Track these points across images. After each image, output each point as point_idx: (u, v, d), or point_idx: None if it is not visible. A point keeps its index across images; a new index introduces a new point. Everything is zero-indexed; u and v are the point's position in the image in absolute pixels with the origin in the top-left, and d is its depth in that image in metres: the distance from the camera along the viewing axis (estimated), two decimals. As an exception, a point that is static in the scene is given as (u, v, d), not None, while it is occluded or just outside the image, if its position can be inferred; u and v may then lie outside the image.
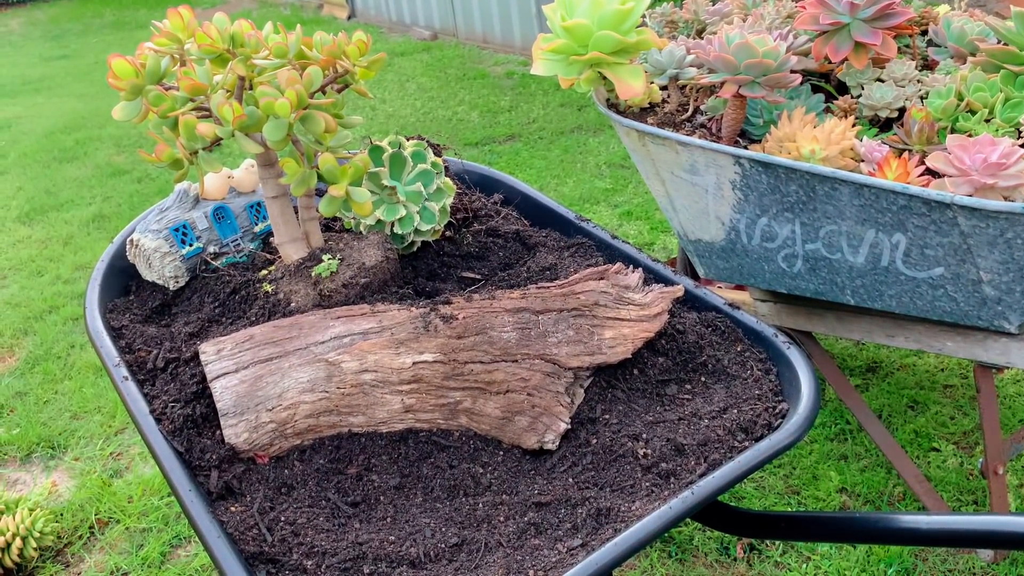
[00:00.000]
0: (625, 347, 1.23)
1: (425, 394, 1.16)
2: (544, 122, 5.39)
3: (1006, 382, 2.60)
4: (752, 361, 1.26)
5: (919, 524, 1.04)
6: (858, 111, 1.78)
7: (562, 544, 1.01)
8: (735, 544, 2.14)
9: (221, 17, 1.13)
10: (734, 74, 1.64)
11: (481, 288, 1.35)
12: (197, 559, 2.29)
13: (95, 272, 1.48)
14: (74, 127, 6.58)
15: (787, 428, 1.10)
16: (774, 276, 1.81)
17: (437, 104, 6.04)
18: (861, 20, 1.72)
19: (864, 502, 2.22)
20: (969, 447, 2.37)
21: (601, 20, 1.44)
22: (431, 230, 1.40)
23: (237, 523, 1.02)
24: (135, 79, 1.09)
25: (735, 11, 2.16)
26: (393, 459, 1.14)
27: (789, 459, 2.39)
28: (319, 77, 1.13)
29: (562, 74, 1.56)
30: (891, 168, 1.52)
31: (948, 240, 1.48)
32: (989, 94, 1.61)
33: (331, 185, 1.17)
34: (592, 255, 1.46)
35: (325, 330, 1.16)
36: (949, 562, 2.04)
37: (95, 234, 4.56)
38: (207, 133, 1.08)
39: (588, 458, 1.14)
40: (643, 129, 1.80)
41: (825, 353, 2.10)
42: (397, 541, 1.02)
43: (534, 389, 1.17)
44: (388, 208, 1.36)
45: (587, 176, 4.50)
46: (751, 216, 1.75)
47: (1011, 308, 1.52)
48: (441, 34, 8.17)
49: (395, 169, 1.38)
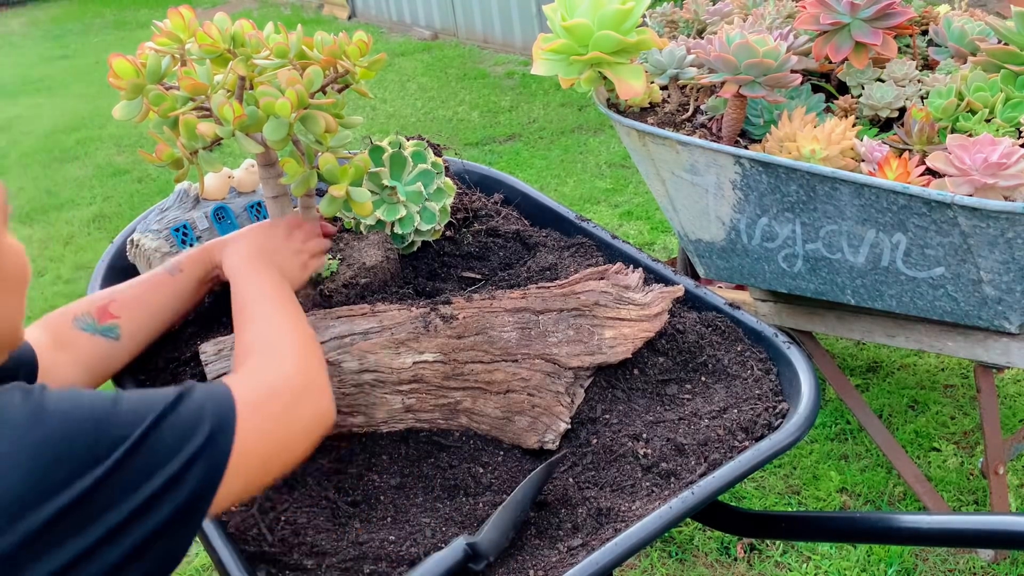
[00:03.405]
0: (625, 347, 1.23)
1: (425, 394, 1.16)
2: (544, 122, 5.39)
3: (1006, 382, 2.60)
4: (752, 361, 1.26)
5: (919, 524, 1.04)
6: (858, 111, 1.78)
7: (562, 544, 1.01)
8: (735, 544, 2.14)
9: (222, 17, 1.13)
10: (734, 74, 1.64)
11: (481, 288, 1.35)
12: (197, 559, 2.29)
13: (95, 272, 1.48)
14: (75, 127, 6.58)
15: (787, 428, 1.10)
16: (774, 276, 1.81)
17: (437, 104, 6.04)
18: (861, 20, 1.72)
19: (864, 502, 2.22)
20: (969, 447, 2.37)
21: (601, 20, 1.43)
22: (431, 230, 1.40)
23: (237, 523, 1.02)
24: (135, 78, 1.09)
25: (735, 11, 2.16)
26: (393, 459, 1.14)
27: (789, 459, 2.39)
28: (319, 77, 1.13)
29: (562, 74, 1.55)
30: (891, 168, 1.52)
31: (948, 240, 1.48)
32: (990, 94, 1.61)
33: (332, 185, 1.17)
34: (592, 255, 1.46)
35: (325, 330, 1.16)
36: (949, 562, 2.04)
37: (96, 234, 4.56)
38: (207, 133, 1.08)
39: (588, 458, 1.14)
40: (643, 129, 1.80)
41: (825, 353, 2.10)
42: (397, 541, 1.02)
43: (534, 389, 1.17)
44: (388, 208, 1.36)
45: (587, 176, 4.50)
46: (751, 216, 1.75)
47: (1011, 308, 1.52)
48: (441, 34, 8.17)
49: (395, 169, 1.38)
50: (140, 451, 0.69)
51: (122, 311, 1.09)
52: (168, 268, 1.18)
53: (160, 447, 0.70)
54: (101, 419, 0.69)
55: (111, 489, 0.67)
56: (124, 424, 0.70)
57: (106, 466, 0.67)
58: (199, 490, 0.72)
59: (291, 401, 0.86)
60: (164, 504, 0.69)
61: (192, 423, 0.73)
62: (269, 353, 0.93)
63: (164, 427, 0.71)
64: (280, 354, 0.93)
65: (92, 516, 0.66)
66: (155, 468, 0.69)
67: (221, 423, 0.75)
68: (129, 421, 0.70)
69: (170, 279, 1.16)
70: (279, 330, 0.99)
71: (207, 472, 0.73)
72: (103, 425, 0.69)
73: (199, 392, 0.76)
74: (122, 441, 0.68)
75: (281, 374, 0.89)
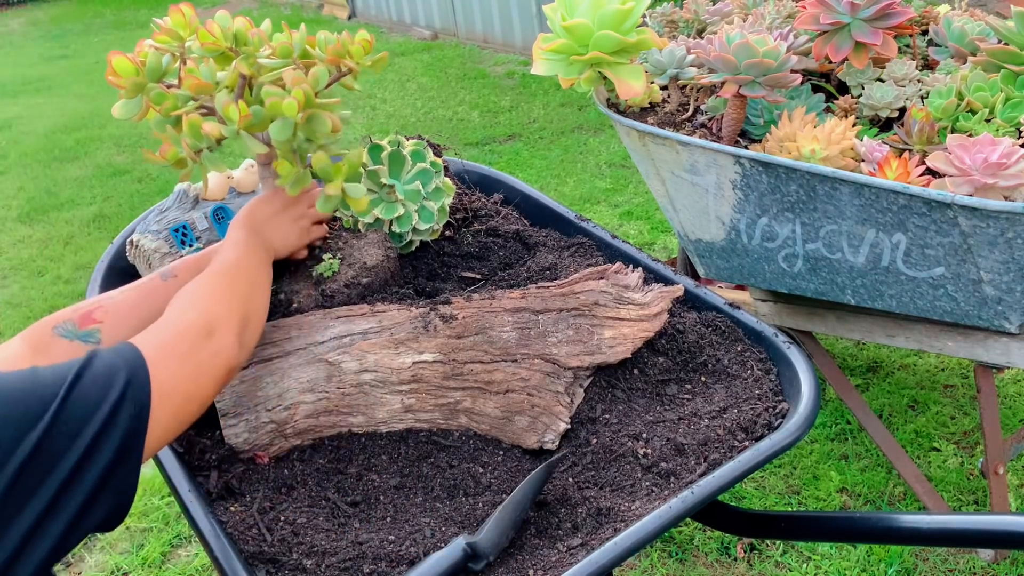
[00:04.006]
0: (625, 347, 1.23)
1: (425, 394, 1.16)
2: (544, 122, 5.39)
3: (1006, 382, 2.60)
4: (752, 361, 1.26)
5: (919, 524, 1.03)
6: (858, 111, 1.78)
7: (562, 543, 1.01)
8: (735, 544, 2.14)
9: (224, 15, 1.13)
10: (734, 74, 1.64)
11: (481, 288, 1.35)
12: (197, 559, 2.30)
13: (95, 272, 1.48)
14: (75, 127, 6.58)
15: (787, 428, 1.10)
16: (774, 276, 1.81)
17: (437, 104, 6.04)
18: (861, 20, 1.72)
19: (864, 502, 2.22)
20: (969, 447, 2.37)
21: (601, 20, 1.43)
22: (429, 229, 1.40)
23: (237, 523, 1.02)
24: (135, 77, 1.09)
25: (735, 11, 2.16)
26: (393, 459, 1.14)
27: (789, 459, 2.39)
28: (325, 77, 1.13)
29: (562, 74, 1.55)
30: (891, 168, 1.52)
31: (948, 240, 1.48)
32: (989, 94, 1.61)
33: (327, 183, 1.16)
34: (592, 255, 1.46)
35: (325, 330, 1.16)
36: (949, 562, 2.04)
37: (96, 234, 4.56)
38: (212, 133, 1.08)
39: (588, 458, 1.14)
40: (643, 129, 1.80)
41: (825, 353, 2.10)
42: (397, 541, 1.02)
43: (534, 389, 1.17)
44: (387, 207, 1.36)
45: (587, 176, 4.50)
46: (751, 216, 1.75)
47: (1011, 308, 1.52)
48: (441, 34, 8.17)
49: (394, 168, 1.38)
50: (71, 402, 0.77)
51: (107, 316, 1.09)
52: (161, 274, 1.17)
53: (88, 396, 0.78)
54: (26, 385, 0.76)
55: (57, 439, 0.75)
56: (48, 384, 0.77)
57: (46, 420, 0.74)
58: (132, 428, 0.81)
59: (195, 342, 0.94)
60: (105, 445, 0.78)
61: (109, 373, 0.81)
62: (177, 307, 1.01)
63: (86, 379, 0.79)
64: (187, 306, 1.00)
65: (48, 468, 0.74)
66: (89, 415, 0.77)
67: (134, 369, 0.84)
68: (51, 382, 0.78)
69: (162, 285, 1.16)
70: (204, 288, 1.05)
71: (135, 411, 0.81)
72: (30, 389, 0.76)
73: (105, 351, 0.85)
74: (52, 399, 0.76)
75: (184, 320, 0.97)
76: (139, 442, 0.82)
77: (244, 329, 1.02)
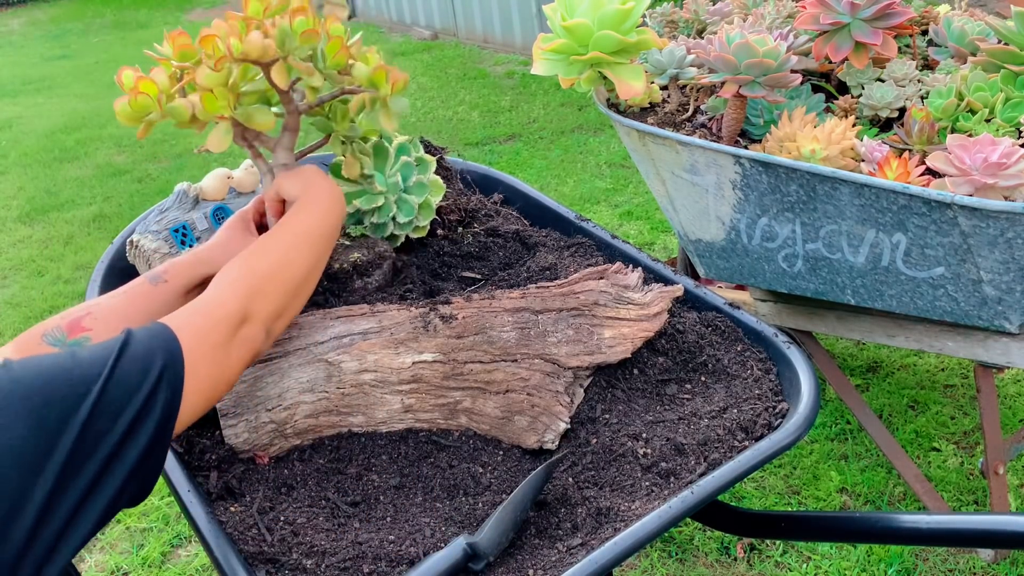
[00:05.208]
0: (625, 347, 1.23)
1: (425, 394, 1.16)
2: (544, 122, 5.39)
3: (1006, 382, 2.60)
4: (752, 361, 1.26)
5: (919, 524, 1.03)
6: (858, 111, 1.78)
7: (562, 543, 1.01)
8: (735, 544, 2.14)
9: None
10: (734, 74, 1.64)
11: (481, 288, 1.35)
12: (197, 559, 2.30)
13: (95, 273, 1.48)
14: (75, 127, 6.59)
15: (787, 428, 1.10)
16: (774, 276, 1.81)
17: (437, 104, 6.04)
18: (861, 20, 1.72)
19: (864, 502, 2.22)
20: (969, 447, 2.37)
21: (601, 20, 1.43)
22: (411, 223, 1.40)
23: (237, 523, 1.02)
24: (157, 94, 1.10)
25: (735, 11, 2.16)
26: (393, 459, 1.14)
27: (789, 459, 2.39)
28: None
29: (562, 74, 1.55)
30: (891, 168, 1.52)
31: (948, 240, 1.48)
32: (989, 94, 1.61)
33: (380, 89, 1.14)
34: (592, 255, 1.46)
35: (324, 330, 1.16)
36: (949, 562, 2.04)
37: (96, 234, 4.56)
38: (282, 78, 1.06)
39: (588, 458, 1.14)
40: (643, 129, 1.80)
41: (825, 353, 2.10)
42: (397, 541, 1.02)
43: (534, 389, 1.17)
44: (367, 197, 1.36)
45: (587, 176, 4.50)
46: (751, 216, 1.75)
47: (1011, 308, 1.52)
48: (441, 34, 8.17)
49: (378, 160, 1.39)
50: (113, 383, 0.79)
51: (95, 324, 1.06)
52: (150, 278, 1.15)
53: (128, 379, 0.80)
54: (68, 367, 0.78)
55: (101, 420, 0.77)
56: (90, 365, 0.79)
57: (91, 400, 0.76)
58: (167, 412, 0.83)
59: (228, 331, 0.96)
60: (143, 427, 0.80)
61: (147, 356, 0.83)
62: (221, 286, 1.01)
63: (125, 361, 0.81)
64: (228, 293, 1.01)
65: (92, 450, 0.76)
66: (130, 396, 0.80)
67: (170, 353, 0.86)
68: (92, 363, 0.79)
69: (151, 289, 1.13)
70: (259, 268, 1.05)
71: (170, 395, 0.83)
72: (72, 371, 0.78)
73: (141, 332, 0.86)
74: (95, 379, 0.78)
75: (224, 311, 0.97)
76: (172, 425, 0.84)
77: (277, 319, 1.04)
